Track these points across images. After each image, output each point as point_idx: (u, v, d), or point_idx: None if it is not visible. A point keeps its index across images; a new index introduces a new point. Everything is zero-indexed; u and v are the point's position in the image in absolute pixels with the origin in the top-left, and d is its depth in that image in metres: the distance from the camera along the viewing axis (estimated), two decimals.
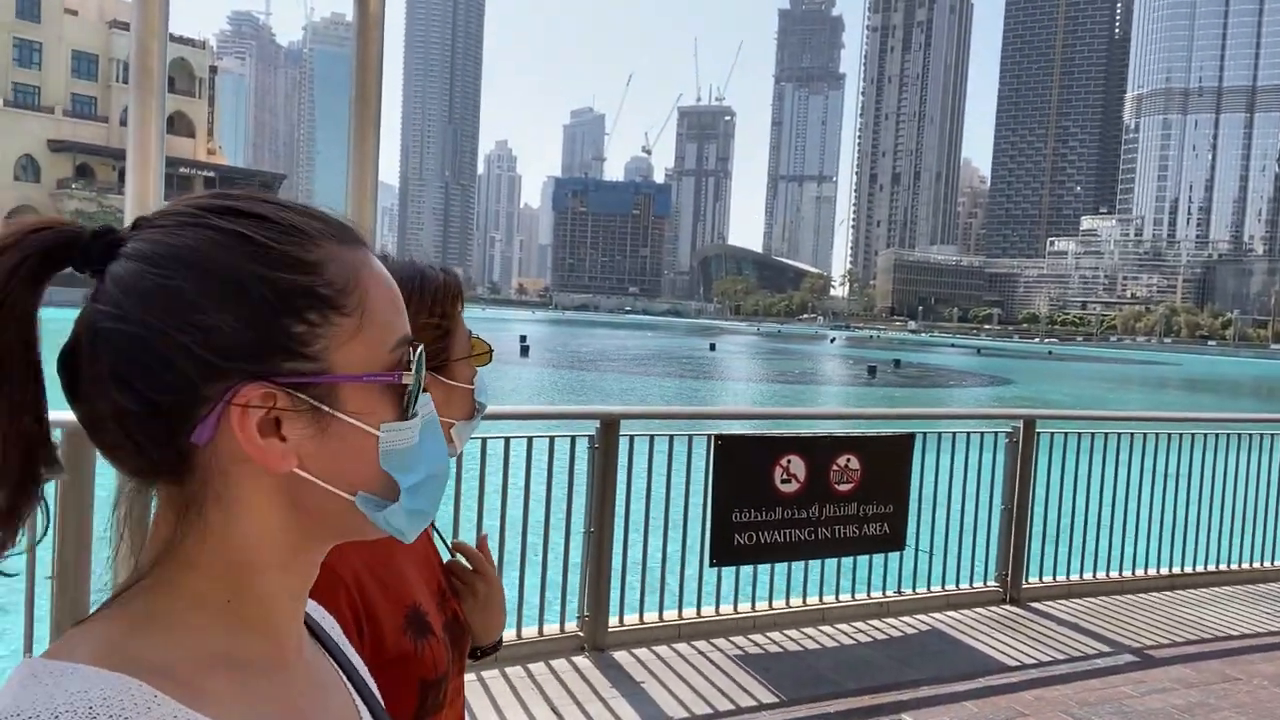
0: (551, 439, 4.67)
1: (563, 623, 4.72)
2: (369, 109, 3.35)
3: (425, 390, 0.67)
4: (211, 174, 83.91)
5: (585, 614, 4.72)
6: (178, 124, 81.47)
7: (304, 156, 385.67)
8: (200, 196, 0.64)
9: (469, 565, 1.32)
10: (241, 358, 0.60)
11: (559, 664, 4.50)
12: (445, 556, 1.37)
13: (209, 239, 0.61)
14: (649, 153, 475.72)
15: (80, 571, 3.32)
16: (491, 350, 1.32)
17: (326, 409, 0.63)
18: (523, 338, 56.00)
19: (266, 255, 0.62)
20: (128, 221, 0.51)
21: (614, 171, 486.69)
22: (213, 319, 0.60)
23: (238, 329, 0.60)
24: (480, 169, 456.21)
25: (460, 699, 1.27)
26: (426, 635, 1.16)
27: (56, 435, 0.61)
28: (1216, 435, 6.81)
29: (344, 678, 0.76)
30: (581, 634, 4.72)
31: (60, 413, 0.61)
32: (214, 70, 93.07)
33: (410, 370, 0.66)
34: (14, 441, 0.59)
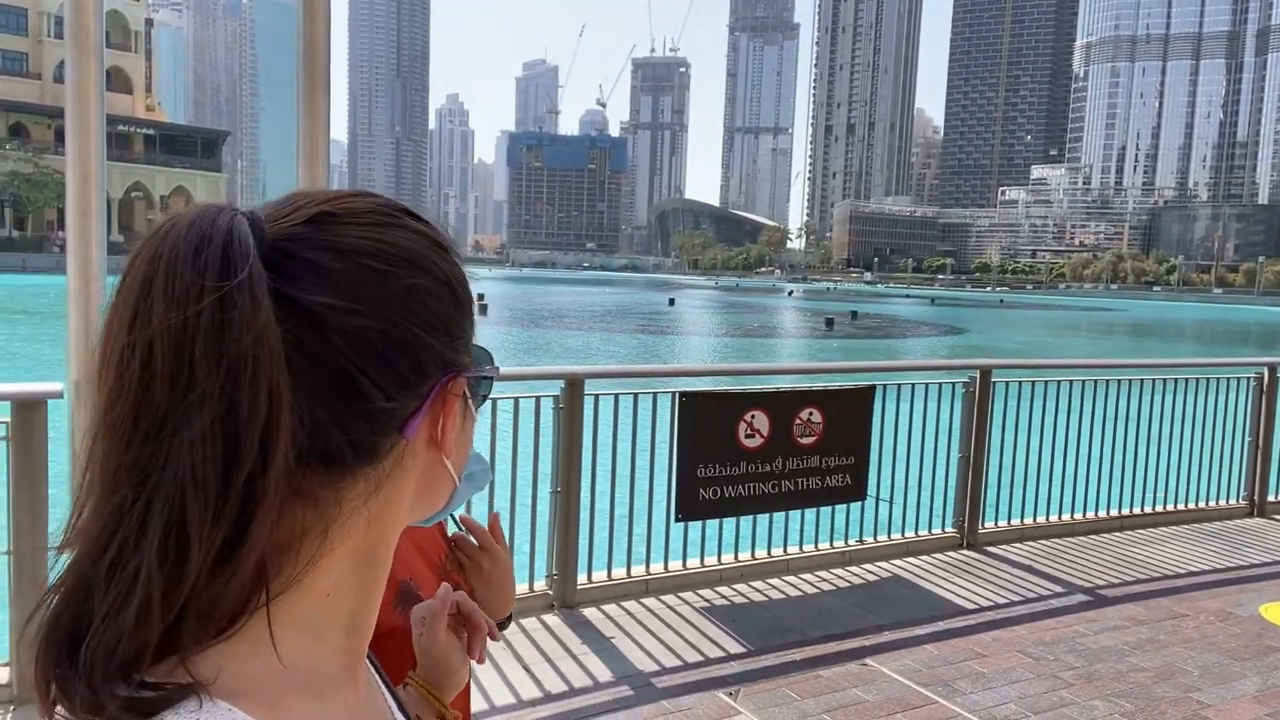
0: (516, 400, 4.65)
1: (531, 582, 4.75)
2: (317, 65, 3.24)
3: None
4: (151, 131, 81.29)
5: (554, 573, 4.76)
6: (114, 80, 78.38)
7: (247, 112, 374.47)
8: (367, 195, 0.64)
9: (475, 541, 1.30)
10: (454, 352, 0.63)
11: (529, 623, 4.54)
12: (452, 530, 1.35)
13: (418, 240, 0.63)
14: (604, 105, 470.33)
15: (38, 543, 3.26)
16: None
17: (470, 397, 0.67)
18: (480, 296, 55.49)
19: (450, 256, 0.65)
20: (71, 182, 0.58)
21: (569, 125, 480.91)
22: (440, 315, 0.62)
23: (451, 326, 0.63)
24: (432, 124, 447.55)
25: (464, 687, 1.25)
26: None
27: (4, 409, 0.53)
28: (1163, 380, 7.00)
29: (377, 677, 0.76)
30: (550, 592, 4.76)
31: (7, 385, 0.49)
32: (150, 23, 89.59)
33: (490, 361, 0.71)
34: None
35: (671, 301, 76.10)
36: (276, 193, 0.65)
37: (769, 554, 5.52)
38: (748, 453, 5.15)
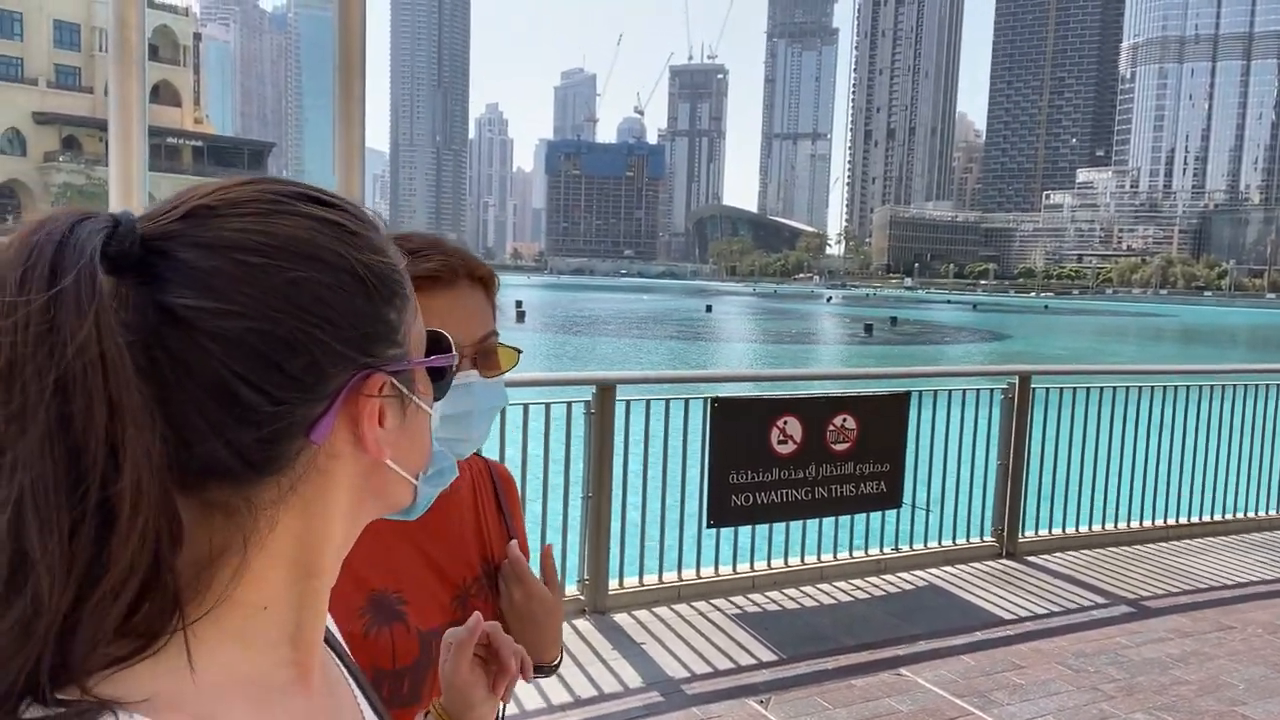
0: (547, 406, 4.67)
1: (563, 587, 4.75)
2: (353, 75, 3.30)
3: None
4: (199, 143, 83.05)
5: (585, 578, 4.76)
6: (163, 93, 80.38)
7: (292, 124, 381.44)
8: (261, 181, 0.60)
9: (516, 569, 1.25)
10: (361, 349, 0.59)
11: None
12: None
13: (311, 227, 0.58)
14: (641, 113, 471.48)
15: None
16: (499, 353, 1.19)
17: (406, 393, 0.63)
18: (518, 303, 55.85)
19: (361, 242, 0.60)
20: (114, 193, 0.58)
21: (606, 133, 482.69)
22: (340, 309, 0.58)
23: (356, 320, 0.59)
24: (471, 133, 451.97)
25: None
26: (390, 623, 1.12)
27: None
28: (1210, 387, 6.83)
29: (349, 679, 0.75)
30: (582, 597, 4.76)
31: None
32: (198, 38, 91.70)
33: (449, 351, 0.69)
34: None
35: (709, 308, 75.95)
36: None
37: (802, 561, 5.47)
38: (780, 459, 5.12)
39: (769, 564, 5.37)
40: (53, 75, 79.27)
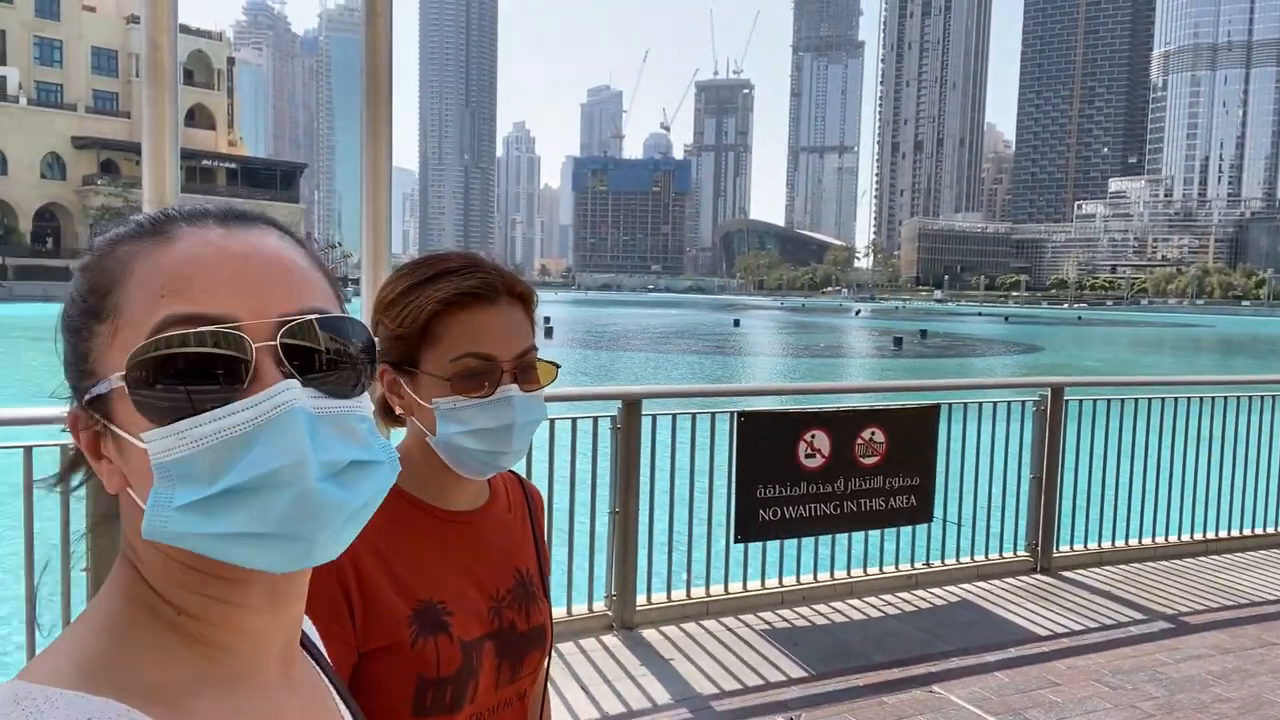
0: (574, 420, 4.67)
1: (590, 602, 4.74)
2: (380, 96, 3.34)
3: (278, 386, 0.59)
4: (233, 165, 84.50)
5: (613, 593, 4.75)
6: (198, 117, 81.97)
7: (324, 145, 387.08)
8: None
9: None
10: (70, 385, 0.62)
11: (588, 643, 4.53)
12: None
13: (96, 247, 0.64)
14: (667, 129, 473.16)
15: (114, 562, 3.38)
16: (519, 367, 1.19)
17: (104, 423, 0.60)
18: (546, 319, 56.14)
19: (74, 280, 0.62)
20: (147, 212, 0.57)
21: (633, 149, 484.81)
22: (60, 353, 0.62)
23: (64, 358, 0.62)
24: (499, 151, 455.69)
25: (508, 713, 1.23)
26: (435, 633, 1.13)
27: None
28: (1250, 398, 6.69)
29: (334, 693, 0.75)
30: (610, 613, 4.74)
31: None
32: (232, 62, 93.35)
33: (119, 371, 0.58)
34: None
35: (737, 322, 75.77)
36: (351, 222, 0.61)
37: (832, 576, 5.42)
38: (808, 473, 5.08)
39: (798, 579, 5.32)
40: (91, 100, 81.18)
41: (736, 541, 5.00)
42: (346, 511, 0.60)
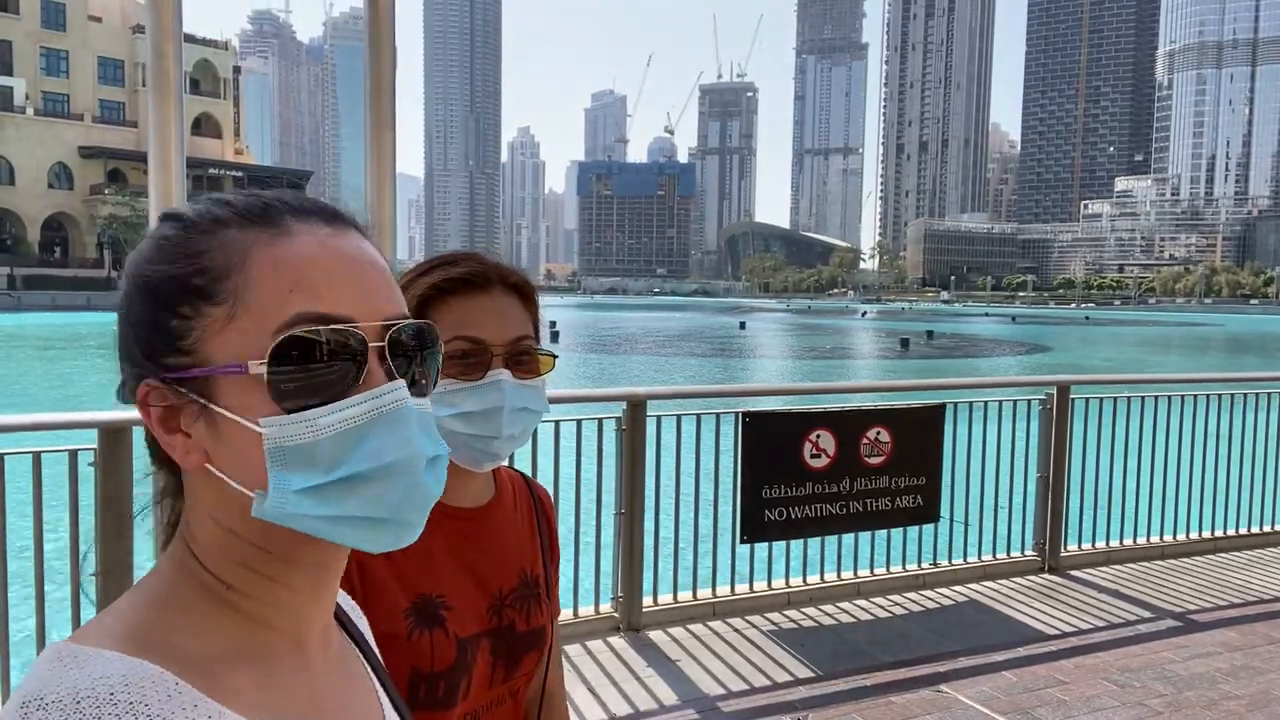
0: (579, 422, 4.68)
1: (597, 604, 4.75)
2: (384, 102, 3.37)
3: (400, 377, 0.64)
4: (240, 174, 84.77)
5: (619, 595, 4.75)
6: (204, 125, 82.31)
7: (330, 152, 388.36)
8: (190, 203, 0.67)
9: None
10: (142, 356, 0.63)
11: (595, 645, 4.54)
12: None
13: (146, 244, 0.65)
14: (671, 133, 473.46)
15: (124, 568, 3.40)
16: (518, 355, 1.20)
17: (203, 402, 0.61)
18: (552, 323, 56.16)
19: (161, 253, 0.64)
20: (154, 219, 0.62)
21: (637, 153, 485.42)
22: (129, 321, 0.64)
23: (138, 328, 0.63)
24: (504, 156, 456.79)
25: (501, 711, 1.23)
26: (432, 627, 1.13)
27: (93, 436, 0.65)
28: (1258, 395, 6.67)
29: (370, 671, 0.76)
30: (616, 615, 4.75)
31: (95, 413, 0.65)
32: (238, 71, 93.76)
33: (262, 360, 0.61)
34: None
35: (743, 325, 75.69)
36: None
37: (839, 577, 5.41)
38: (813, 473, 5.08)
39: (804, 579, 5.32)
40: (97, 110, 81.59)
41: (742, 542, 5.00)
42: (433, 499, 0.66)
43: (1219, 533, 6.48)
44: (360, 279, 0.64)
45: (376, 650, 0.81)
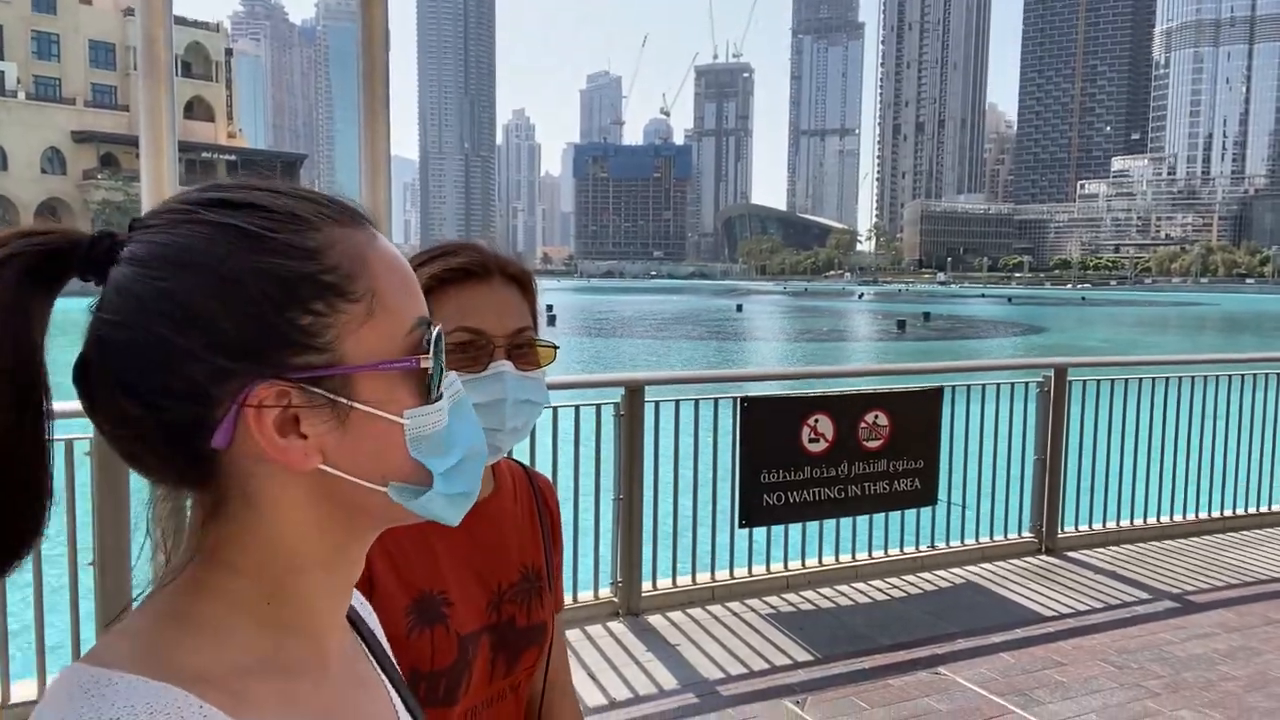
0: (577, 408, 4.67)
1: (596, 589, 4.76)
2: (377, 84, 3.33)
3: (451, 370, 0.66)
4: (233, 157, 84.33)
5: (618, 580, 4.76)
6: (197, 109, 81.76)
7: (323, 135, 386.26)
8: (194, 190, 0.62)
9: None
10: (248, 356, 0.58)
11: (594, 630, 4.54)
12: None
13: (202, 235, 0.59)
14: (668, 114, 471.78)
15: (120, 557, 3.39)
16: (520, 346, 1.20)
17: (344, 401, 0.60)
18: (549, 307, 56.13)
19: (262, 245, 0.60)
20: (146, 206, 0.57)
21: (633, 135, 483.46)
22: (213, 319, 0.58)
23: (241, 326, 0.58)
24: (499, 139, 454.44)
25: (503, 706, 1.23)
26: (432, 625, 1.13)
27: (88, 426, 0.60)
28: (1255, 375, 6.67)
29: (381, 673, 0.76)
30: (615, 599, 4.76)
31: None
32: (229, 53, 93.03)
33: (428, 353, 0.64)
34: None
35: (739, 307, 75.68)
36: None
37: (837, 560, 5.42)
38: (812, 457, 5.08)
39: (803, 563, 5.33)
40: (90, 94, 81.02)
41: (741, 527, 5.00)
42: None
43: (1216, 514, 6.49)
44: (414, 281, 0.67)
45: (388, 648, 0.81)
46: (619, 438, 4.72)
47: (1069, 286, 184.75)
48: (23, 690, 3.54)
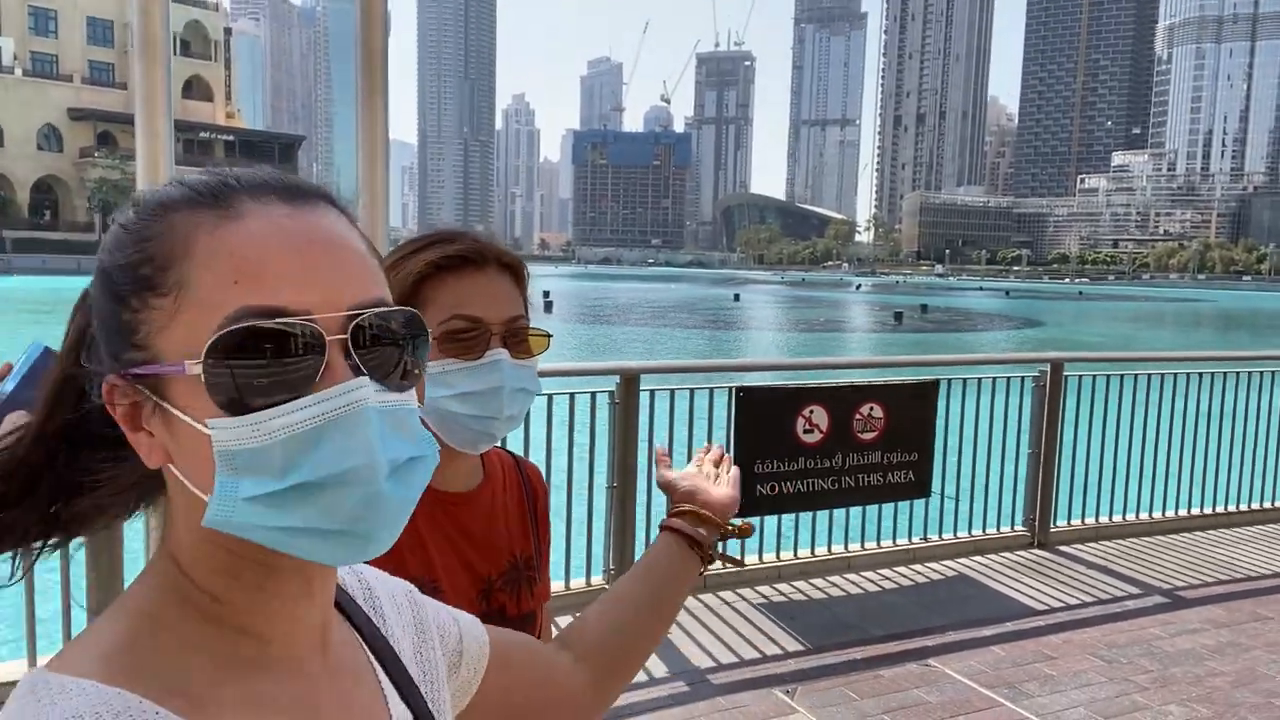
0: (572, 395, 4.67)
1: (588, 577, 4.76)
2: (375, 66, 3.30)
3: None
4: (231, 138, 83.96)
5: (610, 568, 4.77)
6: (195, 88, 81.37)
7: (322, 117, 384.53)
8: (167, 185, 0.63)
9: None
10: (105, 350, 0.59)
11: None
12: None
13: (108, 233, 0.61)
14: (668, 101, 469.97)
15: (113, 539, 3.38)
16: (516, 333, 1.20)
17: (155, 400, 0.58)
18: (546, 293, 56.00)
19: (116, 241, 0.60)
20: (141, 186, 0.56)
21: (633, 122, 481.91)
22: (102, 310, 0.60)
23: (103, 318, 0.59)
24: (498, 124, 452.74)
25: None
26: None
27: None
28: (1248, 373, 6.69)
29: (375, 662, 0.72)
30: (607, 587, 4.76)
31: None
32: (228, 33, 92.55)
33: (219, 355, 0.55)
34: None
35: (736, 297, 75.60)
36: (349, 194, 0.63)
37: (830, 551, 5.44)
38: (806, 448, 5.08)
39: (795, 554, 5.34)
40: (87, 72, 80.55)
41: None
42: (404, 507, 0.61)
43: (1207, 510, 6.52)
44: (318, 265, 0.58)
45: (386, 634, 0.76)
46: (613, 426, 4.71)
47: (1067, 280, 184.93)
48: (9, 670, 3.55)
